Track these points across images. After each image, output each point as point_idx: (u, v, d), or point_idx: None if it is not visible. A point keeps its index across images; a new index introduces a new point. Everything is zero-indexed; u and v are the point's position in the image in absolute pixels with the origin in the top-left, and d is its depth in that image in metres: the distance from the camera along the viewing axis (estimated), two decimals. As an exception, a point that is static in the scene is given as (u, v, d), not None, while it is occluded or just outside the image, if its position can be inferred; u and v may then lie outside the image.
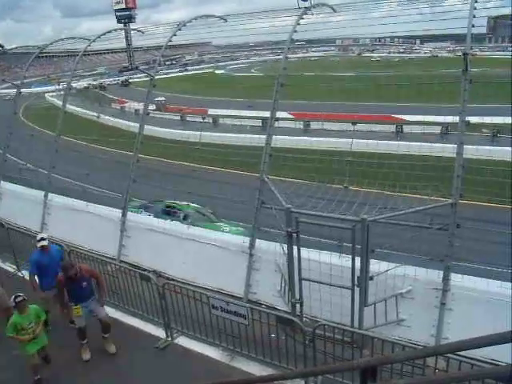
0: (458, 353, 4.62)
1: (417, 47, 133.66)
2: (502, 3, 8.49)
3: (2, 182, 14.00)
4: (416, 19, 8.73)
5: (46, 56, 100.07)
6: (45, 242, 7.48)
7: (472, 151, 7.86)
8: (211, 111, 44.50)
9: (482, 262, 10.03)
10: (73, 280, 6.75)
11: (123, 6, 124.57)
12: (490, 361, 4.90)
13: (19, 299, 6.22)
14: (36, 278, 7.53)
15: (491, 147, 19.41)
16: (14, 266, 10.40)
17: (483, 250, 10.07)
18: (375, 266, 6.88)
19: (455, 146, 7.07)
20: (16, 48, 17.27)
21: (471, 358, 4.89)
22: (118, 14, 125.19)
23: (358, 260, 6.64)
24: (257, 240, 8.78)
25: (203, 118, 41.27)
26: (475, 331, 3.03)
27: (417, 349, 5.29)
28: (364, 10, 9.64)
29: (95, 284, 7.17)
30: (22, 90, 14.51)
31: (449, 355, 5.09)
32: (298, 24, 9.02)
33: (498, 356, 4.58)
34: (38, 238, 7.61)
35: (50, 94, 56.31)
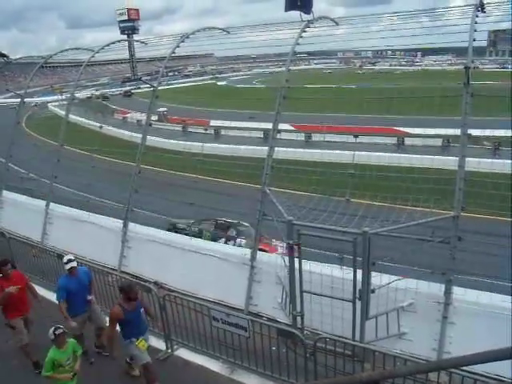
0: (461, 367, 4.58)
1: (418, 60, 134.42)
2: (503, 17, 8.52)
3: (3, 191, 14.03)
4: (417, 33, 8.80)
5: (50, 66, 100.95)
6: (74, 264, 6.85)
7: (473, 164, 7.84)
8: (213, 122, 44.63)
9: (485, 276, 10.00)
10: (132, 306, 5.97)
11: (126, 17, 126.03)
12: (493, 376, 4.86)
13: (59, 331, 5.44)
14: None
15: (493, 160, 19.36)
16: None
17: (485, 263, 10.03)
18: (377, 278, 6.84)
19: (457, 158, 7.08)
20: (20, 58, 17.41)
21: (474, 373, 4.84)
22: (122, 25, 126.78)
23: (359, 273, 6.62)
24: (258, 252, 8.76)
25: (205, 130, 41.40)
26: (477, 345, 3.01)
27: (419, 363, 5.25)
28: (366, 24, 9.69)
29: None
30: (25, 99, 14.61)
31: (451, 370, 5.04)
32: (301, 37, 9.09)
33: (503, 371, 4.55)
34: (65, 259, 6.91)
35: (53, 103, 56.66)
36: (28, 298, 7.20)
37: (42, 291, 9.60)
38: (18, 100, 14.60)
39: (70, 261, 6.84)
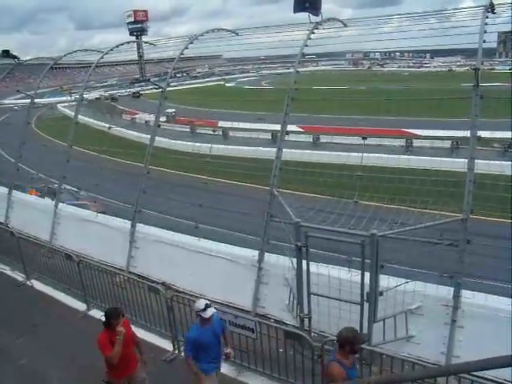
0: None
1: (427, 61, 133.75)
2: (513, 19, 8.43)
3: (13, 190, 14.13)
4: (426, 34, 8.76)
5: (59, 67, 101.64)
6: (214, 310, 5.49)
7: (483, 166, 7.78)
8: (221, 123, 44.68)
9: (494, 279, 9.92)
10: (351, 361, 4.57)
11: (133, 19, 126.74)
12: (504, 382, 4.80)
13: None
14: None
15: (502, 162, 19.22)
16: (23, 275, 10.45)
17: (494, 266, 9.93)
18: (385, 281, 6.81)
19: (466, 160, 7.02)
20: (30, 59, 17.50)
21: (484, 378, 4.79)
22: (131, 26, 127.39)
23: (367, 275, 6.59)
24: (266, 253, 8.74)
25: (213, 131, 41.48)
26: (487, 349, 2.99)
27: (428, 367, 5.21)
28: (374, 25, 9.64)
29: None
30: (35, 100, 14.70)
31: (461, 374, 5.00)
32: (309, 38, 9.07)
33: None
34: (202, 305, 5.37)
35: (62, 104, 57.04)
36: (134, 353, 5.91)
37: (51, 292, 9.73)
38: (28, 101, 14.68)
39: (207, 306, 5.38)
